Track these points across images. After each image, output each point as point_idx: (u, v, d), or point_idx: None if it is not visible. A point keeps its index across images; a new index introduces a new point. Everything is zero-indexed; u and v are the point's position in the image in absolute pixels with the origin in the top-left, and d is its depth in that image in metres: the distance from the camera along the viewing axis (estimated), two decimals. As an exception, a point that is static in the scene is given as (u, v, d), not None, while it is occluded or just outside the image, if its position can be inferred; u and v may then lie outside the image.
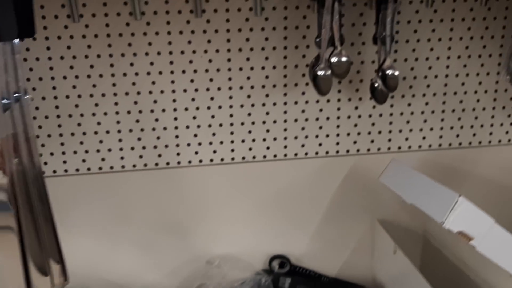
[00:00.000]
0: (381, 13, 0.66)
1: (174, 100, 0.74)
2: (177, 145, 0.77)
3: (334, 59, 0.66)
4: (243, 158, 0.79)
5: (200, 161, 0.78)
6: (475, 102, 0.80)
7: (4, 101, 0.50)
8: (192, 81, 0.73)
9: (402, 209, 0.83)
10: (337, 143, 0.80)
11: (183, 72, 0.73)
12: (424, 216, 0.61)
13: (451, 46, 0.76)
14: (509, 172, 0.84)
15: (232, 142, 0.78)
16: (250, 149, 0.79)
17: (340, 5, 0.64)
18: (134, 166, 0.77)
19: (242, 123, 0.77)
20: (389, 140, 0.81)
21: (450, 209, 0.57)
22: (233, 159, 0.79)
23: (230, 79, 0.74)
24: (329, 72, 0.66)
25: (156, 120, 0.75)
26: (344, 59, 0.66)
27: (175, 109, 0.74)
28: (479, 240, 0.58)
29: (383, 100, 0.72)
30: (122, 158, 0.76)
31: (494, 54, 0.77)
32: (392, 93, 0.71)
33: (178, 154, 0.77)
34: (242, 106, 0.76)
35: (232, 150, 0.78)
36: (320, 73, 0.66)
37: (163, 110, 0.74)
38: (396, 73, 0.67)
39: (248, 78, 0.74)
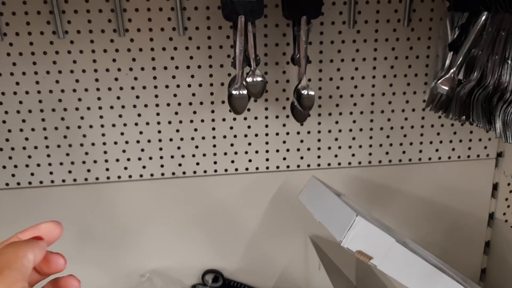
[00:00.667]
0: (296, 35, 0.67)
1: (101, 117, 0.75)
2: (106, 161, 0.78)
3: (249, 79, 0.67)
4: (173, 173, 0.80)
5: (130, 176, 0.79)
6: (403, 120, 0.81)
7: None
8: (118, 98, 0.75)
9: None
10: (267, 159, 0.81)
11: (109, 89, 0.74)
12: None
13: (376, 65, 0.77)
14: (440, 189, 0.85)
15: (161, 157, 0.79)
16: (180, 164, 0.80)
17: (253, 26, 0.65)
18: (63, 181, 0.78)
19: (171, 139, 0.78)
20: (319, 156, 0.82)
21: (348, 228, 0.58)
22: (163, 174, 0.80)
23: (156, 96, 0.75)
24: (244, 91, 0.67)
25: (84, 136, 0.76)
26: (258, 79, 0.67)
27: (102, 125, 0.76)
28: (380, 260, 0.59)
29: (301, 119, 0.73)
30: (51, 173, 0.77)
31: (420, 73, 0.78)
32: (309, 111, 0.72)
33: (107, 169, 0.78)
34: (170, 122, 0.77)
35: (162, 166, 0.79)
36: (234, 92, 0.67)
37: (91, 126, 0.76)
38: (311, 93, 0.69)
39: (175, 95, 0.76)
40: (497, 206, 0.86)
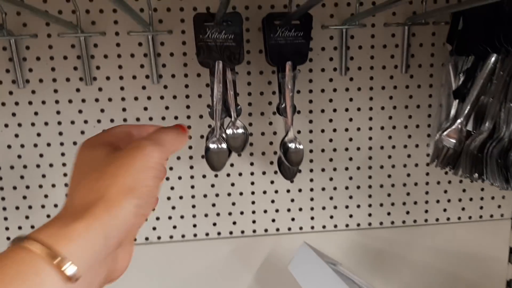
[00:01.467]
0: (280, 83, 0.60)
1: (65, 175, 0.67)
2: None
3: (229, 131, 0.60)
4: (147, 239, 0.71)
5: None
6: (405, 176, 0.72)
7: None
8: (85, 153, 0.67)
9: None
10: (253, 221, 0.72)
11: (74, 143, 0.66)
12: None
13: (372, 116, 0.69)
14: (450, 255, 0.75)
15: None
16: (154, 228, 0.70)
17: (233, 73, 0.58)
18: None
19: (144, 199, 0.69)
20: (312, 218, 0.73)
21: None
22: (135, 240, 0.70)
23: (128, 151, 0.67)
24: (223, 145, 0.59)
25: (46, 196, 0.68)
26: (239, 131, 0.60)
27: (66, 185, 0.67)
28: None
29: (290, 176, 0.65)
30: (8, 238, 0.68)
31: (422, 124, 0.70)
32: (297, 167, 0.63)
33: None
34: (143, 180, 0.68)
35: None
36: (212, 146, 0.59)
37: (53, 186, 0.67)
38: (300, 146, 0.60)
39: (149, 150, 0.68)
40: (517, 274, 0.76)
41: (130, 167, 0.31)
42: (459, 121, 0.53)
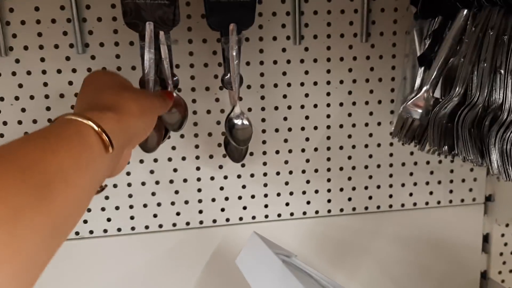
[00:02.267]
0: (224, 49, 0.52)
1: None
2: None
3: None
4: (77, 233, 0.62)
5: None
6: (367, 157, 0.66)
7: None
8: (1, 135, 0.57)
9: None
10: (200, 212, 0.64)
11: (-14, 124, 0.57)
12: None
13: (330, 91, 0.62)
14: (418, 244, 0.68)
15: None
16: (86, 221, 0.61)
17: (167, 37, 0.50)
18: None
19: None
20: (266, 206, 0.65)
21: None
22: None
23: (51, 133, 0.58)
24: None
25: None
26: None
27: None
28: None
29: (239, 158, 0.57)
30: None
31: (384, 100, 0.64)
32: (245, 147, 0.56)
33: None
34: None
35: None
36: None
37: None
38: (246, 122, 0.53)
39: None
40: (490, 262, 0.70)
41: (143, 97, 0.41)
42: (425, 88, 0.46)
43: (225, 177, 0.64)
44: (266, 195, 0.65)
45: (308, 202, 0.66)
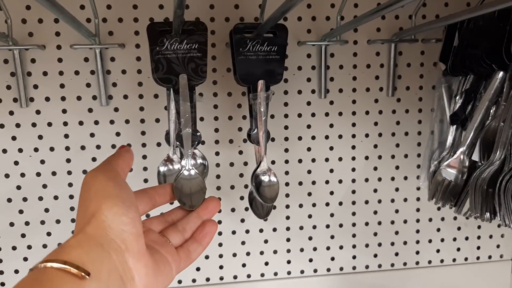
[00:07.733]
0: (251, 105, 0.51)
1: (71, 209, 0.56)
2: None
3: (183, 161, 0.50)
4: None
5: None
6: (393, 213, 0.64)
7: None
8: (18, 188, 0.56)
9: None
10: (221, 267, 0.62)
11: (6, 176, 0.56)
12: None
13: (355, 144, 0.61)
14: (445, 302, 0.66)
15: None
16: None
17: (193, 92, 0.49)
18: None
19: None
20: (288, 262, 0.63)
21: None
22: None
23: (70, 185, 0.57)
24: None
25: (48, 234, 0.57)
26: (199, 161, 0.50)
27: (73, 220, 0.57)
28: None
29: (264, 214, 0.55)
30: None
31: (410, 154, 0.63)
32: (272, 203, 0.54)
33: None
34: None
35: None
36: (184, 180, 0.49)
37: (57, 221, 0.57)
38: (274, 179, 0.51)
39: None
40: (523, 326, 0.67)
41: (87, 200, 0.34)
42: (461, 149, 0.45)
43: (247, 231, 0.62)
44: (288, 251, 0.63)
45: (333, 258, 0.63)
